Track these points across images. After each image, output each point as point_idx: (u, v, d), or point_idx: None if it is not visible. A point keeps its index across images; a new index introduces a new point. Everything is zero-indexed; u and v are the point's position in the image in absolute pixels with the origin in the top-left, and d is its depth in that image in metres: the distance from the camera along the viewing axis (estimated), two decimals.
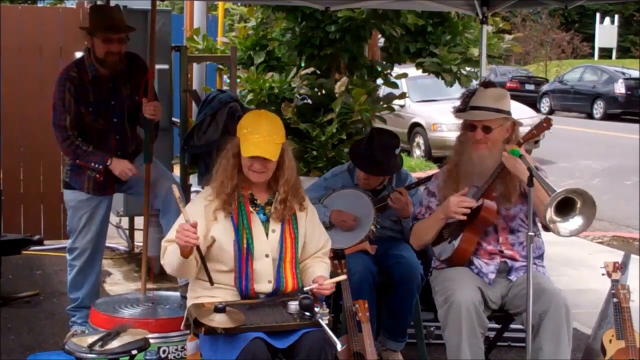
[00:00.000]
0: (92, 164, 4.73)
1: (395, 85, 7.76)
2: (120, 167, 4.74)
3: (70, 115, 4.69)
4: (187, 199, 6.08)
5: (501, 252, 4.05)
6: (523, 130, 4.17)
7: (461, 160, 4.11)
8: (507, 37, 7.88)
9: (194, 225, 3.45)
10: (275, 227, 3.71)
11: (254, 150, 3.59)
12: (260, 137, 3.61)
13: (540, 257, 4.16)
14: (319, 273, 3.72)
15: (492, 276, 4.01)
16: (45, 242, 6.88)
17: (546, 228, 3.87)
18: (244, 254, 3.62)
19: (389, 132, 4.98)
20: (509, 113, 4.06)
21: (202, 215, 3.66)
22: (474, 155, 4.03)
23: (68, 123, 4.69)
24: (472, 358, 3.80)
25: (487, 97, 4.06)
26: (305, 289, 3.63)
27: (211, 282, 3.60)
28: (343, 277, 3.97)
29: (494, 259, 4.04)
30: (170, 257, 3.61)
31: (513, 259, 4.05)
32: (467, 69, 7.43)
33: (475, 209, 3.95)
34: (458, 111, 4.21)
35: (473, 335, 3.80)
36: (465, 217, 3.94)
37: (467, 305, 3.80)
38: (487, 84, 4.26)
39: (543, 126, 3.96)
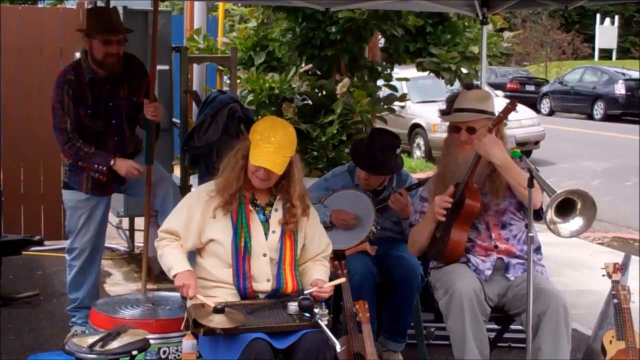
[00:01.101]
0: (96, 166, 4.73)
1: (394, 88, 7.76)
2: (125, 166, 4.74)
3: (70, 117, 4.69)
4: None
5: (496, 247, 4.06)
6: (521, 131, 4.18)
7: (447, 162, 4.14)
8: (507, 34, 7.87)
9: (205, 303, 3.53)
10: (275, 228, 3.72)
11: (261, 161, 3.61)
12: (271, 148, 3.61)
13: (537, 250, 4.16)
14: (318, 277, 3.73)
15: (488, 272, 4.01)
16: (46, 242, 6.87)
17: (538, 216, 3.87)
18: (241, 253, 3.63)
19: (389, 132, 4.98)
20: (492, 114, 4.09)
21: (200, 209, 3.68)
22: (460, 156, 4.06)
23: (68, 125, 4.69)
24: (476, 344, 3.82)
25: (470, 99, 4.10)
26: (305, 292, 3.64)
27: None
28: (342, 280, 3.98)
29: (490, 256, 4.05)
30: (165, 266, 3.68)
31: (509, 252, 4.06)
32: (466, 71, 7.43)
33: (460, 202, 3.97)
34: (443, 114, 4.23)
35: (476, 322, 3.82)
36: (443, 219, 3.96)
37: (467, 292, 3.82)
38: (469, 86, 4.29)
39: (509, 108, 3.97)
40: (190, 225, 3.69)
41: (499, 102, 4.39)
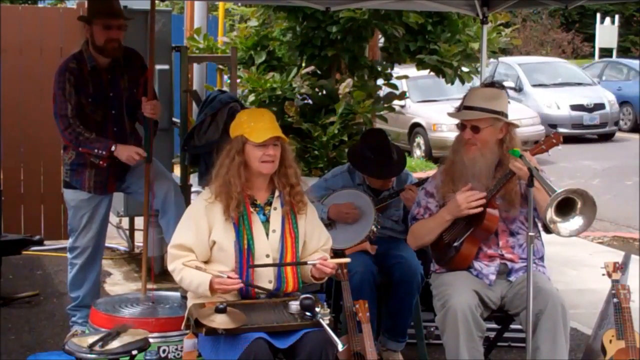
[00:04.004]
0: (96, 150, 4.73)
1: (395, 87, 7.76)
2: (126, 152, 4.74)
3: (71, 104, 4.70)
4: (187, 199, 6.08)
5: (501, 255, 4.04)
6: (521, 131, 4.15)
7: (455, 160, 4.10)
8: (506, 31, 7.87)
9: (232, 277, 3.52)
10: (275, 227, 3.71)
11: (267, 134, 3.62)
12: (267, 124, 3.67)
13: (541, 259, 4.15)
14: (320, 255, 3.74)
15: (492, 277, 4.00)
16: (46, 242, 6.87)
17: (547, 230, 3.86)
18: (245, 255, 3.63)
19: (376, 130, 5.01)
20: (502, 113, 3.99)
21: (203, 215, 3.67)
22: (465, 156, 4.02)
23: (69, 112, 4.70)
24: None
25: (478, 97, 4.03)
26: (309, 262, 3.66)
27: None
28: (347, 259, 3.95)
29: (494, 261, 4.03)
30: (191, 284, 3.63)
31: (513, 262, 4.04)
32: (466, 69, 7.44)
33: (478, 217, 3.93)
34: (457, 111, 4.19)
35: (470, 339, 3.80)
36: (480, 209, 3.90)
37: (463, 310, 3.80)
38: (487, 84, 4.23)
39: (552, 142, 3.90)
40: (200, 235, 3.66)
41: None
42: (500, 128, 4.00)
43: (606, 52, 37.25)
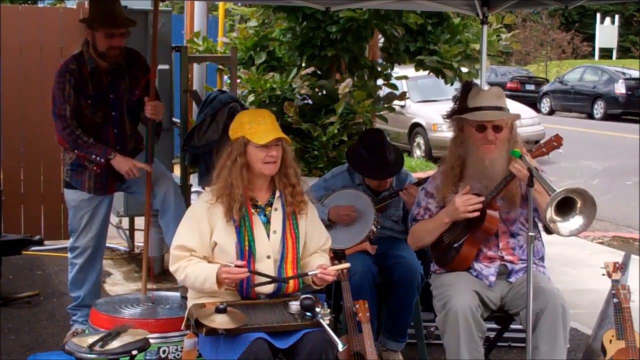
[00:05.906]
0: (93, 156, 4.72)
1: (395, 87, 7.76)
2: (126, 165, 4.74)
3: (70, 105, 4.70)
4: (187, 199, 6.08)
5: (501, 257, 4.04)
6: (521, 131, 4.15)
7: (469, 162, 4.04)
8: (504, 36, 7.88)
9: (240, 265, 3.51)
10: (276, 228, 3.71)
11: (270, 136, 3.62)
12: (268, 125, 3.67)
13: (541, 259, 4.15)
14: (321, 262, 3.73)
15: (492, 278, 4.00)
16: (46, 242, 6.87)
17: (548, 230, 3.86)
18: (246, 255, 3.62)
19: (374, 130, 5.00)
20: (508, 111, 4.05)
21: (204, 216, 3.66)
22: (486, 158, 3.96)
23: (68, 113, 4.70)
24: None
25: (490, 97, 4.02)
26: (309, 273, 3.64)
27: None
28: (347, 265, 3.94)
29: (494, 262, 4.03)
30: (196, 280, 3.59)
31: (513, 263, 4.04)
32: (466, 70, 7.44)
33: (478, 219, 3.92)
34: (455, 113, 4.17)
35: (471, 340, 3.80)
36: (477, 213, 3.90)
37: (463, 311, 3.79)
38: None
39: (553, 145, 3.87)
40: (202, 237, 3.66)
41: None
42: (510, 126, 4.02)
43: (606, 52, 37.33)
